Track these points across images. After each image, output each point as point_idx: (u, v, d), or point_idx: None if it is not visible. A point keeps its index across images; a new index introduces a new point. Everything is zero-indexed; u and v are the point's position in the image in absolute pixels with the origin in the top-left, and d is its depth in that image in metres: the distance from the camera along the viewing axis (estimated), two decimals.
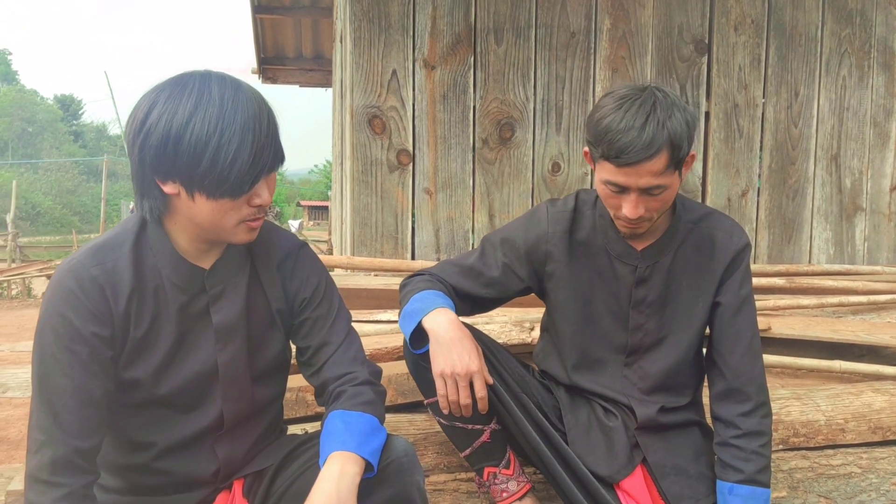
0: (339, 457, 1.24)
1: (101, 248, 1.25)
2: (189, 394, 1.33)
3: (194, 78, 1.18)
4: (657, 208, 1.51)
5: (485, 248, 1.75)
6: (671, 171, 1.46)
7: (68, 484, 1.17)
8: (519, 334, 2.36)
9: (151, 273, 1.27)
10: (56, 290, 1.21)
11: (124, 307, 1.24)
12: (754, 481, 1.55)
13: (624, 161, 1.43)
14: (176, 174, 1.17)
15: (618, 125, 1.43)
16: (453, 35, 3.43)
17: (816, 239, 3.89)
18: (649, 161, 1.43)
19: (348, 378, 1.40)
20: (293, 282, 1.43)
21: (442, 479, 1.86)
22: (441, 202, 3.47)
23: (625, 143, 1.42)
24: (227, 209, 1.21)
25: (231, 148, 1.15)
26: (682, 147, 1.45)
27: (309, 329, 1.44)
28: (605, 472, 1.64)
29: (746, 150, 3.80)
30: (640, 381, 1.70)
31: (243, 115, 1.16)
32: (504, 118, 3.52)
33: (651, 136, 1.41)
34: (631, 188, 1.47)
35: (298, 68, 8.38)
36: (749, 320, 1.63)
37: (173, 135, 1.14)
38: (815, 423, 2.08)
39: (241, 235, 1.26)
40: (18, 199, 14.55)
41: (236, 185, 1.18)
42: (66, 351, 1.19)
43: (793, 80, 3.82)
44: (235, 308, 1.34)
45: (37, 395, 1.20)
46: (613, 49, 3.62)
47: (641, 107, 1.43)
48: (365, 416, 1.33)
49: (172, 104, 1.15)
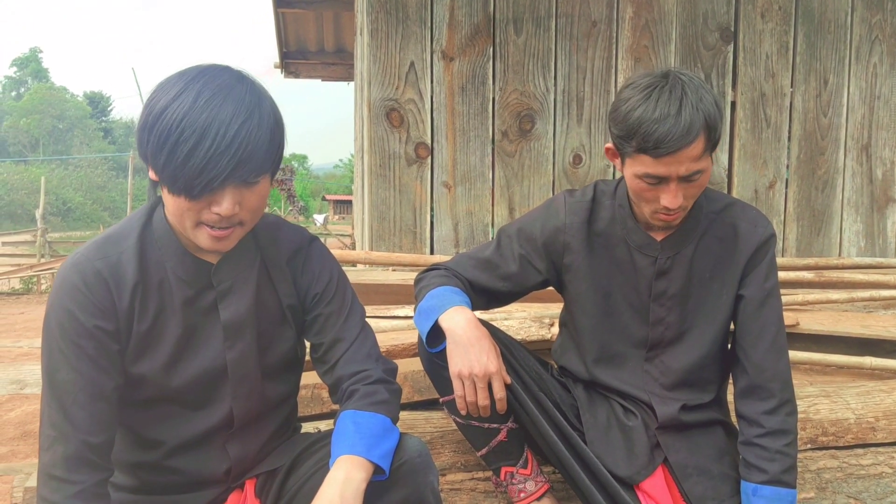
0: (345, 461, 1.22)
1: (106, 242, 1.25)
2: (198, 391, 1.32)
3: (195, 70, 1.17)
4: (694, 194, 1.49)
5: (501, 240, 1.72)
6: (707, 154, 1.45)
7: (82, 481, 1.17)
8: (538, 330, 2.32)
9: (156, 267, 1.26)
10: (61, 285, 1.21)
11: (128, 301, 1.23)
12: (779, 482, 1.52)
13: (664, 151, 1.39)
14: (149, 160, 1.17)
15: (651, 115, 1.39)
16: (472, 26, 3.39)
17: (846, 231, 3.81)
18: (689, 147, 1.39)
19: (362, 376, 1.37)
20: (304, 277, 1.40)
21: (459, 478, 1.84)
22: (460, 196, 3.43)
23: (663, 133, 1.38)
24: (185, 208, 1.17)
25: (186, 147, 1.11)
26: (717, 128, 1.44)
27: (321, 325, 1.41)
28: (625, 472, 1.60)
29: (774, 140, 3.72)
30: (661, 376, 1.67)
31: (210, 116, 1.11)
32: (524, 110, 3.47)
33: (689, 120, 1.38)
34: (671, 178, 1.44)
35: (321, 62, 8.38)
36: (774, 314, 1.59)
37: (150, 121, 1.14)
38: (844, 422, 2.03)
39: (203, 240, 1.21)
40: (49, 195, 14.81)
41: (187, 185, 1.14)
42: (72, 345, 1.18)
43: (822, 68, 3.74)
44: (244, 304, 1.33)
45: (47, 391, 1.20)
46: (636, 38, 3.55)
47: (672, 93, 1.40)
48: (377, 417, 1.30)
49: (162, 91, 1.16)
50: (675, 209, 1.47)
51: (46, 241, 11.43)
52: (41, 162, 45.30)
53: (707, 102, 1.41)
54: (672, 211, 1.48)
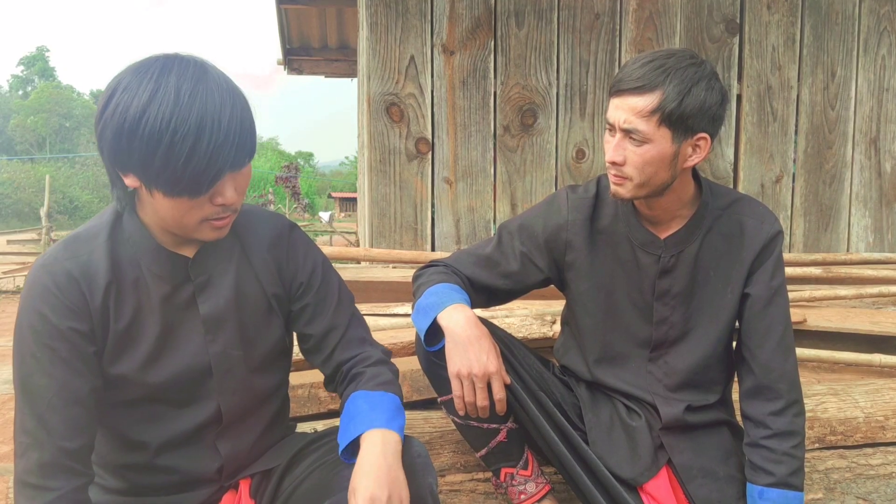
0: (374, 433, 1.22)
1: (75, 241, 1.22)
2: (181, 388, 1.29)
3: (157, 64, 1.11)
4: (636, 164, 1.44)
5: (502, 237, 1.68)
6: (656, 123, 1.40)
7: (59, 487, 1.14)
8: (540, 328, 2.28)
9: (129, 265, 1.23)
10: (31, 287, 1.17)
11: (101, 300, 1.20)
12: (786, 484, 1.49)
13: (615, 89, 1.43)
14: (131, 168, 1.12)
15: (630, 64, 1.43)
16: (473, 19, 3.35)
17: (855, 226, 3.76)
18: (635, 95, 1.39)
19: (361, 358, 1.37)
20: (289, 266, 1.37)
21: (458, 479, 1.81)
22: (461, 191, 3.40)
23: (623, 73, 1.43)
24: (186, 208, 1.14)
25: (185, 146, 1.07)
26: (675, 101, 1.39)
27: (311, 315, 1.39)
28: (628, 474, 1.57)
29: (780, 134, 3.68)
30: (665, 377, 1.63)
31: (201, 109, 1.08)
32: (526, 104, 3.43)
33: (646, 72, 1.39)
34: (616, 127, 1.44)
35: (324, 58, 8.37)
36: (781, 313, 1.55)
37: (127, 128, 1.07)
38: (853, 421, 2.00)
39: (206, 234, 1.20)
40: (56, 193, 14.82)
41: (192, 184, 1.11)
42: (45, 349, 1.15)
43: (829, 60, 3.69)
44: (224, 297, 1.30)
45: (20, 396, 1.17)
46: (640, 30, 3.51)
47: (660, 54, 1.42)
48: (387, 396, 1.31)
49: (129, 94, 1.08)
50: (612, 164, 1.46)
51: (51, 239, 11.44)
52: (48, 160, 45.49)
53: (686, 76, 1.39)
54: (612, 168, 1.47)
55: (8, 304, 8.65)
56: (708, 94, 1.41)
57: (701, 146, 1.45)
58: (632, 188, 1.48)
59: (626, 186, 1.48)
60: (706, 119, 1.42)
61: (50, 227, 11.83)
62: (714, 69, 1.46)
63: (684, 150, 1.44)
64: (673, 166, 1.45)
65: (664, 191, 1.49)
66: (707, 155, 1.49)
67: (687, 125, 1.41)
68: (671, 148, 1.43)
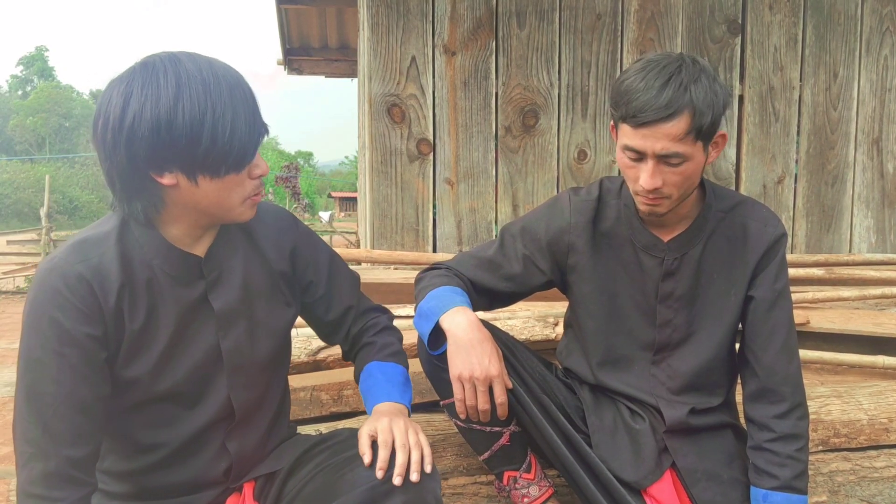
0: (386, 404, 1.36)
1: (84, 244, 1.20)
2: (192, 386, 1.29)
3: (162, 59, 1.13)
4: (676, 183, 1.43)
5: (504, 239, 1.68)
6: (692, 140, 1.39)
7: (63, 497, 1.12)
8: (542, 330, 2.28)
9: (141, 266, 1.22)
10: (40, 291, 1.15)
11: (115, 303, 1.19)
12: (790, 488, 1.48)
13: (641, 120, 1.37)
14: (174, 162, 1.13)
15: (637, 84, 1.39)
16: (474, 19, 3.35)
17: (857, 227, 3.75)
18: (667, 123, 1.36)
19: (372, 324, 1.52)
20: (304, 252, 1.44)
21: (461, 483, 1.80)
22: (463, 192, 3.39)
23: (642, 102, 1.37)
24: (232, 186, 1.18)
25: (227, 119, 1.12)
26: (706, 115, 1.38)
27: (329, 302, 1.48)
28: (632, 477, 1.57)
29: (783, 134, 3.67)
30: (668, 380, 1.63)
31: (227, 84, 1.13)
32: (527, 105, 3.43)
33: (671, 96, 1.36)
34: (647, 154, 1.41)
35: (324, 59, 8.35)
36: (784, 316, 1.55)
37: (164, 121, 1.09)
38: (857, 423, 2.00)
39: (247, 213, 1.24)
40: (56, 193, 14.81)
41: (240, 155, 1.15)
42: (54, 355, 1.13)
43: (831, 60, 3.68)
44: (235, 290, 1.31)
45: (23, 404, 1.14)
46: (641, 31, 3.50)
47: (665, 69, 1.39)
48: (398, 368, 1.44)
49: (152, 90, 1.09)
50: (651, 191, 1.43)
51: (51, 239, 11.42)
52: (47, 160, 45.44)
53: (701, 86, 1.37)
54: (650, 193, 1.44)
55: (8, 304, 8.64)
56: (720, 95, 1.41)
57: (719, 142, 1.48)
58: (670, 204, 1.48)
59: (665, 205, 1.48)
60: (723, 118, 1.44)
61: (50, 227, 11.80)
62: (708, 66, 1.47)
63: (710, 153, 1.46)
64: (702, 171, 1.47)
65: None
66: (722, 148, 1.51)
67: (713, 130, 1.42)
68: (703, 156, 1.44)
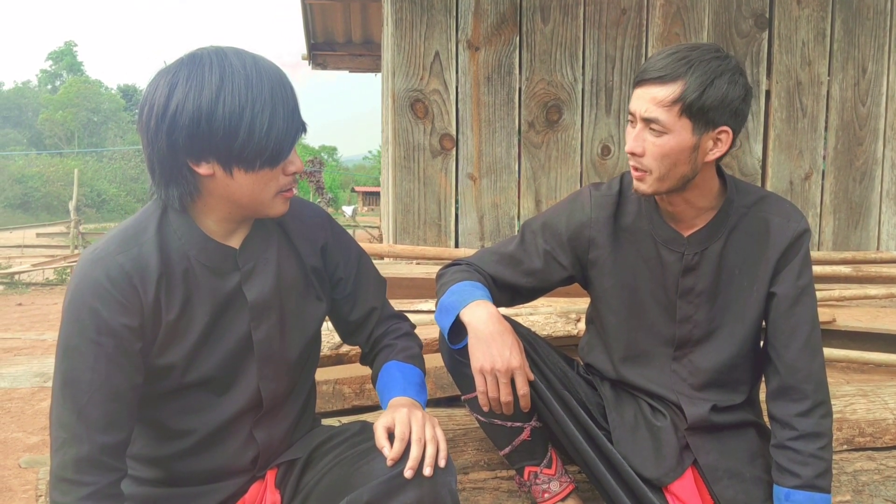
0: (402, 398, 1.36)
1: (124, 236, 1.23)
2: (223, 375, 1.31)
3: (209, 53, 1.17)
4: (655, 156, 1.44)
5: (525, 235, 1.68)
6: (678, 113, 1.40)
7: (94, 482, 1.16)
8: (564, 326, 2.28)
9: (178, 257, 1.25)
10: (82, 282, 1.18)
11: (153, 294, 1.22)
12: (813, 486, 1.47)
13: (638, 79, 1.44)
14: (211, 153, 1.17)
15: (654, 55, 1.46)
16: (498, 14, 3.34)
17: (885, 224, 3.70)
18: (656, 85, 1.40)
19: (393, 329, 1.53)
20: (337, 250, 1.46)
21: (482, 477, 1.81)
22: (485, 188, 3.39)
23: (647, 64, 1.44)
24: (266, 180, 1.21)
25: (265, 115, 1.16)
26: (699, 93, 1.38)
27: (354, 301, 1.50)
28: (653, 474, 1.56)
29: (810, 130, 3.62)
30: (690, 376, 1.62)
31: (269, 81, 1.17)
32: (551, 100, 3.42)
33: (669, 63, 1.40)
34: (636, 117, 1.44)
35: (348, 53, 8.38)
36: (808, 313, 1.53)
37: (205, 112, 1.13)
38: (882, 422, 1.97)
39: (279, 207, 1.27)
40: (84, 186, 15.05)
41: (276, 152, 1.19)
42: (91, 344, 1.16)
43: (860, 55, 3.62)
44: (269, 283, 1.33)
45: (59, 390, 1.18)
46: (667, 25, 3.47)
47: (688, 47, 1.43)
48: (415, 370, 1.46)
49: (196, 82, 1.14)
50: (632, 156, 1.46)
51: (80, 232, 11.62)
52: (76, 154, 46.03)
53: (710, 68, 1.39)
54: (631, 160, 1.48)
55: (37, 296, 8.79)
56: (731, 88, 1.40)
57: (722, 140, 1.44)
58: (652, 182, 1.47)
59: (647, 181, 1.48)
60: (728, 113, 1.42)
61: (78, 220, 12.01)
62: (739, 64, 1.45)
63: (705, 143, 1.43)
64: (693, 160, 1.44)
65: (685, 185, 1.48)
66: (728, 149, 1.48)
67: (708, 117, 1.40)
68: (691, 140, 1.42)
